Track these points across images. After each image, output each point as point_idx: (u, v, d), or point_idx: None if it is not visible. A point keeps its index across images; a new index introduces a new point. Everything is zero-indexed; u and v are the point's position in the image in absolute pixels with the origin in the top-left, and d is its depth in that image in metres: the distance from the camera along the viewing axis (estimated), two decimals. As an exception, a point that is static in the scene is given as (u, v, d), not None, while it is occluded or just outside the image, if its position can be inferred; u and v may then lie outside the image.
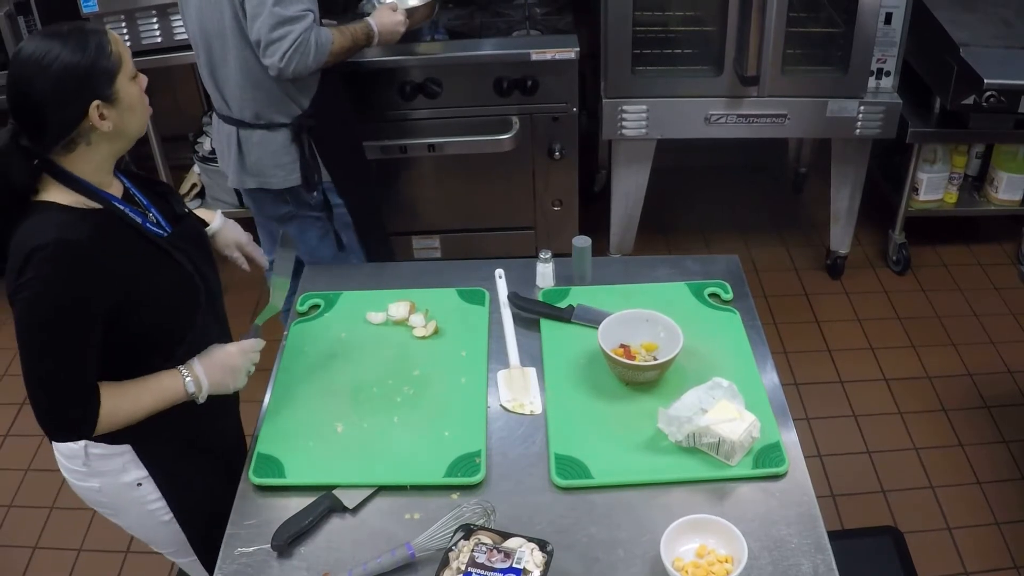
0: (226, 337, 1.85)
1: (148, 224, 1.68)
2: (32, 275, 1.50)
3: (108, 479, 1.77)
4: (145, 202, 1.73)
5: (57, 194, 1.57)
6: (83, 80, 1.51)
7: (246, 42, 2.43)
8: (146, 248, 1.64)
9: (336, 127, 2.69)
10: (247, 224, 3.88)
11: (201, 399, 1.71)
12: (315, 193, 2.69)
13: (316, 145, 2.62)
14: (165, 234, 1.70)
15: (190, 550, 1.92)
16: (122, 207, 1.64)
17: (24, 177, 1.54)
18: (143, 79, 1.63)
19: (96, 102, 1.52)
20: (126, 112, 1.58)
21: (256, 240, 2.18)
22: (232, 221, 2.07)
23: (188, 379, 1.68)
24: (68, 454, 1.76)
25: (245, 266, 2.09)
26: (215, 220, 2.02)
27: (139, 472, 1.76)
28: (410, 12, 2.78)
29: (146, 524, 1.87)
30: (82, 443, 1.72)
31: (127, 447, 1.74)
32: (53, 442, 1.74)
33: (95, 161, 1.60)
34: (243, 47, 2.45)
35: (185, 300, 1.71)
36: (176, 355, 1.70)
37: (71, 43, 1.51)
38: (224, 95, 2.57)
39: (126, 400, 1.63)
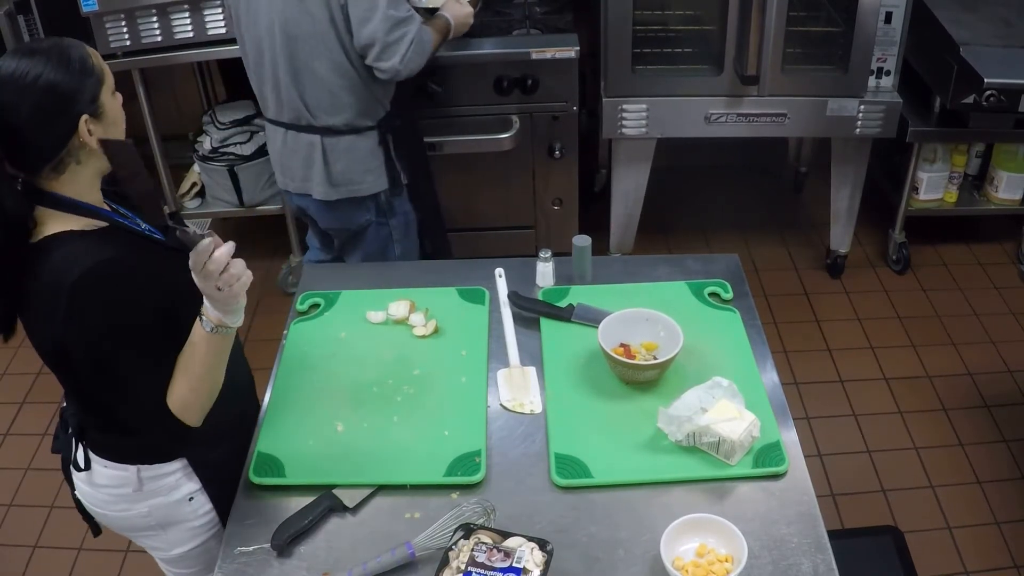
0: None
1: (147, 230, 1.66)
2: (84, 304, 1.47)
3: (159, 499, 1.74)
4: (131, 215, 1.70)
5: (61, 223, 1.52)
6: (70, 96, 1.48)
7: (341, 47, 2.41)
8: (158, 252, 1.63)
9: (410, 127, 2.72)
10: (248, 224, 3.90)
11: (227, 329, 1.57)
12: (398, 198, 2.70)
13: (395, 147, 2.63)
14: (163, 237, 1.69)
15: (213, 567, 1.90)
16: (120, 220, 1.62)
17: (18, 206, 1.49)
18: (119, 95, 1.59)
19: (85, 116, 1.49)
20: (111, 127, 1.54)
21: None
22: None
23: (204, 320, 1.57)
24: (116, 482, 1.72)
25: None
26: None
27: (192, 486, 1.75)
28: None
29: (188, 541, 1.83)
30: (134, 467, 1.70)
31: (183, 461, 1.73)
32: (94, 472, 1.72)
33: (86, 181, 1.56)
34: (338, 52, 2.42)
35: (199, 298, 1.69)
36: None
37: (53, 60, 1.47)
38: (308, 103, 2.51)
39: (184, 382, 1.58)
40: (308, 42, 2.42)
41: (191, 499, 1.76)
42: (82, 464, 1.73)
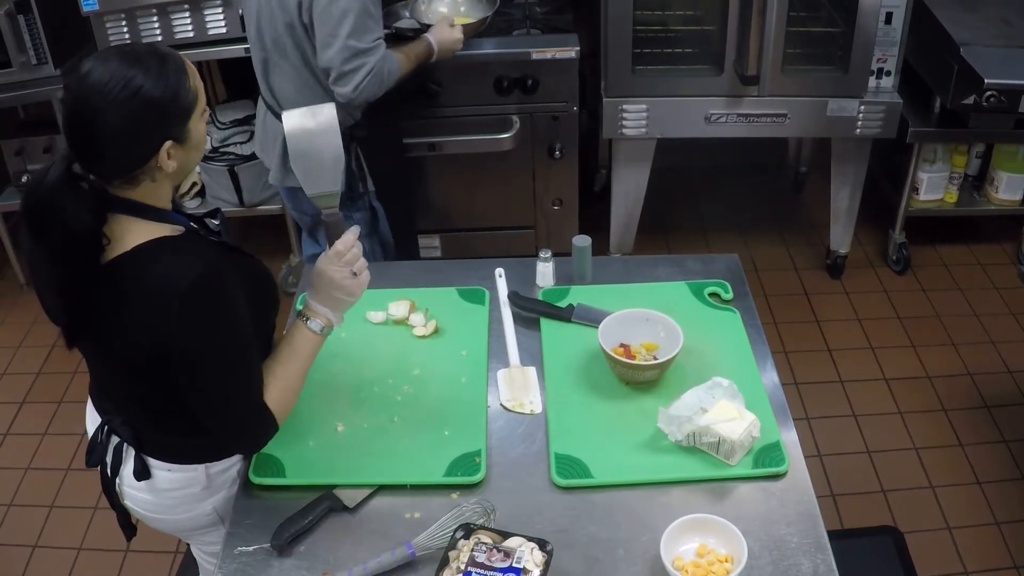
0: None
1: (212, 230, 1.66)
2: (200, 311, 1.47)
3: (223, 492, 1.76)
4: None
5: (145, 230, 1.50)
6: (161, 118, 1.43)
7: (303, 60, 2.44)
8: (228, 252, 1.61)
9: (384, 138, 2.69)
10: (248, 224, 3.89)
11: (330, 330, 1.68)
12: (360, 200, 2.70)
13: (364, 155, 2.62)
14: (219, 236, 1.69)
15: None
16: (193, 224, 1.61)
17: (86, 215, 1.43)
18: (207, 112, 1.55)
19: (169, 142, 1.45)
20: (192, 151, 1.51)
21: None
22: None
23: (311, 322, 1.65)
24: (183, 484, 1.73)
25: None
26: None
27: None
28: (464, 27, 2.78)
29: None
30: (203, 465, 1.71)
31: (231, 462, 1.75)
32: (155, 479, 1.73)
33: (158, 195, 1.53)
34: (300, 64, 2.45)
35: (270, 284, 1.72)
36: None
37: (153, 73, 1.41)
38: (275, 91, 2.56)
39: (277, 381, 1.62)
40: (275, 48, 2.46)
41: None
42: (142, 473, 1.72)
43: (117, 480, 1.76)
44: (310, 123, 1.62)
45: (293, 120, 1.62)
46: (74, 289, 1.50)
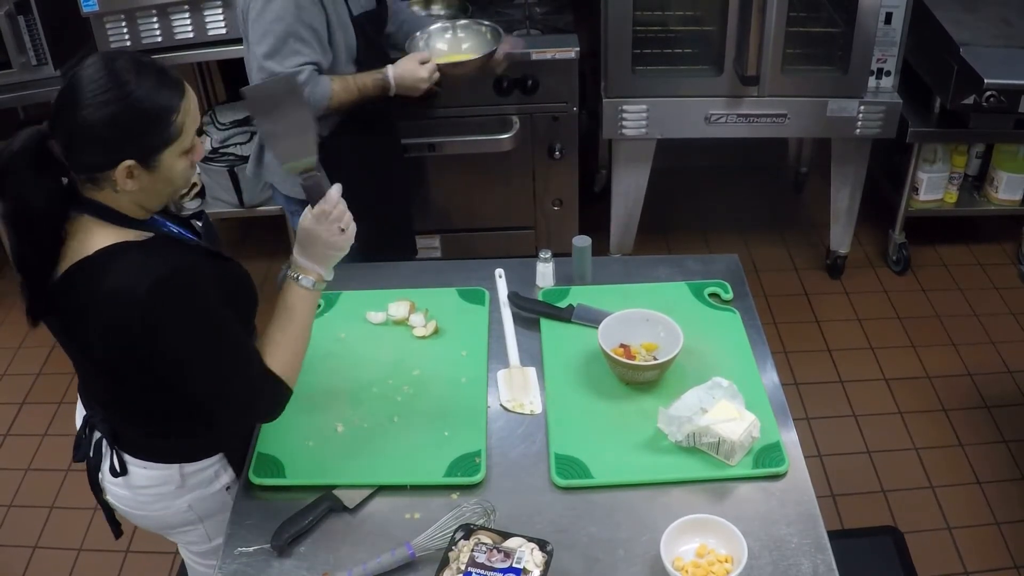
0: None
1: (188, 235, 1.67)
2: (163, 314, 1.46)
3: (199, 492, 1.76)
4: (160, 219, 1.69)
5: (111, 234, 1.49)
6: (128, 136, 1.42)
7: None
8: (203, 255, 1.62)
9: (358, 150, 2.56)
10: (248, 224, 3.89)
11: (322, 284, 1.67)
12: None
13: (331, 167, 2.53)
14: (198, 239, 1.69)
15: None
16: (164, 228, 1.60)
17: (41, 193, 1.45)
18: (199, 150, 1.52)
19: (129, 163, 1.43)
20: (160, 182, 1.49)
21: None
22: None
23: (302, 279, 1.64)
24: (158, 482, 1.73)
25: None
26: None
27: (228, 476, 1.78)
28: (453, 65, 2.57)
29: (218, 531, 1.84)
30: (176, 464, 1.71)
31: (219, 455, 1.75)
32: (130, 475, 1.73)
33: (123, 204, 1.51)
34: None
35: (248, 286, 1.71)
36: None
37: (142, 90, 1.40)
38: None
39: (279, 345, 1.62)
40: (246, 45, 2.38)
41: (228, 488, 1.78)
42: (118, 469, 1.73)
43: (100, 475, 1.78)
44: (271, 94, 1.60)
45: (253, 93, 1.58)
46: (30, 266, 1.50)
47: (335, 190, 1.64)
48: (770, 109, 3.18)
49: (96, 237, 1.49)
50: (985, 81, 3.03)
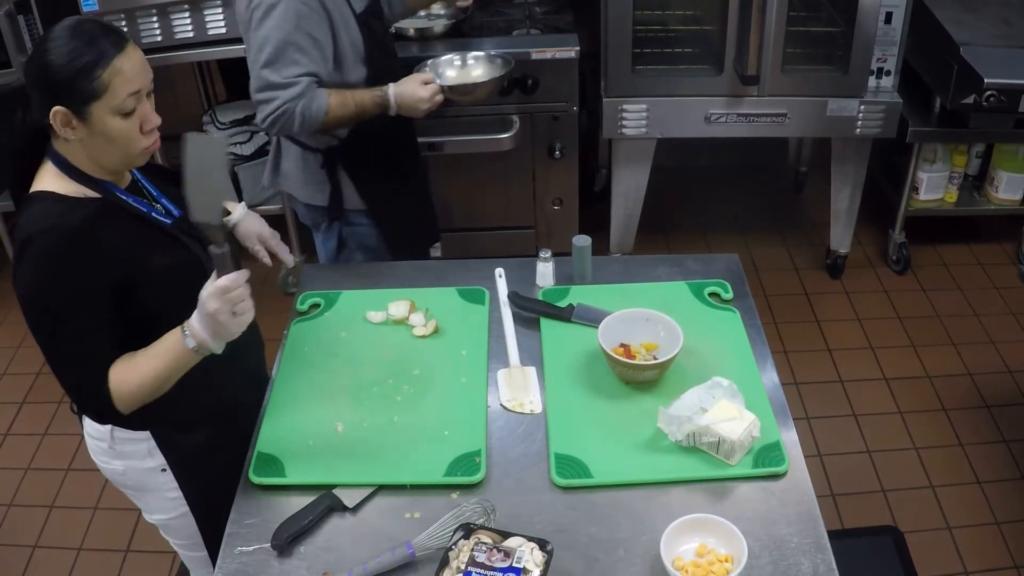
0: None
1: (154, 212, 1.69)
2: (27, 264, 1.52)
3: (132, 462, 1.79)
4: (155, 192, 1.74)
5: (56, 183, 1.58)
6: (51, 84, 1.50)
7: None
8: (148, 231, 1.65)
9: (371, 157, 2.53)
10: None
11: (206, 351, 1.60)
12: (352, 217, 2.60)
13: (351, 174, 2.52)
14: (171, 220, 1.71)
15: (202, 545, 1.92)
16: (124, 197, 1.64)
17: (24, 126, 1.56)
18: (149, 120, 1.58)
19: (59, 108, 1.50)
20: (97, 136, 1.55)
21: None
22: (255, 213, 2.06)
23: (186, 335, 1.60)
24: (96, 435, 1.78)
25: (267, 260, 2.06)
26: (236, 211, 2.02)
27: (161, 459, 1.79)
28: (459, 90, 2.51)
29: (166, 511, 1.88)
30: (108, 426, 1.73)
31: (147, 433, 1.75)
32: (84, 421, 1.78)
33: (85, 160, 1.59)
34: None
35: (190, 281, 1.65)
36: None
37: (70, 45, 1.49)
38: None
39: (135, 373, 1.60)
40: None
41: (163, 470, 1.80)
42: (75, 408, 1.77)
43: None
44: (204, 151, 1.60)
45: (192, 144, 1.59)
46: (12, 194, 1.64)
47: (241, 274, 1.57)
48: (770, 109, 3.18)
49: (44, 181, 1.58)
50: (985, 81, 3.03)
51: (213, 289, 1.54)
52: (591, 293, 2.15)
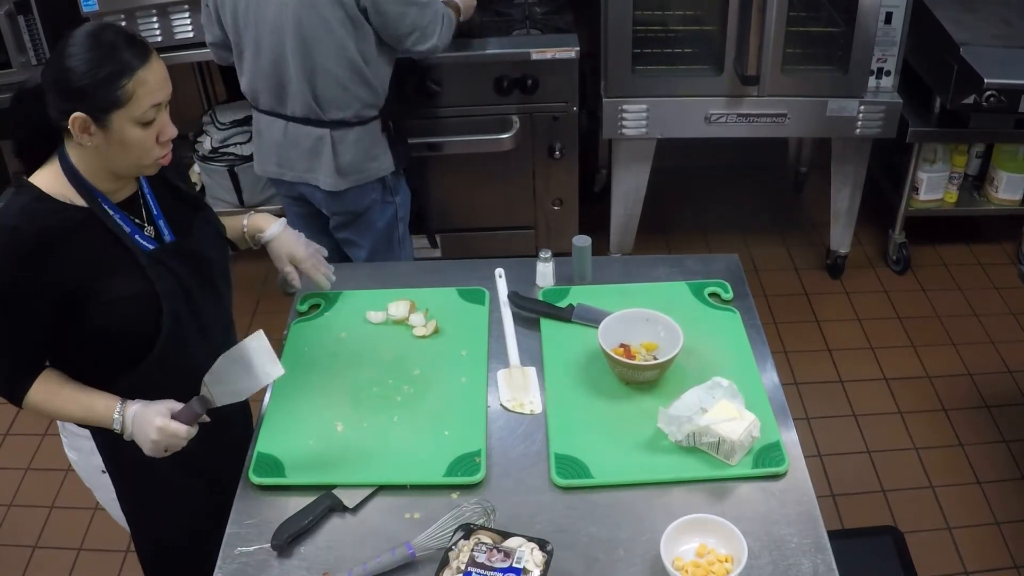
0: (225, 343, 1.78)
1: (137, 235, 1.64)
2: None
3: (80, 456, 1.81)
4: (155, 211, 1.70)
5: (50, 180, 1.58)
6: (74, 91, 1.50)
7: (355, 45, 2.49)
8: (118, 254, 1.61)
9: (404, 111, 2.83)
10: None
11: (125, 438, 1.66)
12: (400, 178, 2.82)
13: (396, 130, 2.73)
14: (155, 246, 1.66)
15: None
16: (112, 213, 1.61)
17: (39, 122, 1.56)
18: (166, 131, 1.60)
19: (79, 115, 1.50)
20: (114, 144, 1.55)
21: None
22: (294, 231, 2.00)
23: (117, 416, 1.63)
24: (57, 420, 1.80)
25: (296, 283, 2.02)
26: (272, 227, 1.96)
27: (100, 460, 1.79)
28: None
29: (112, 508, 1.90)
30: None
31: (87, 433, 1.76)
32: None
33: (93, 167, 1.59)
34: (352, 51, 2.50)
35: (143, 313, 1.64)
36: (149, 360, 1.67)
37: (94, 54, 1.49)
38: (320, 100, 2.56)
39: (57, 398, 1.64)
40: (322, 43, 2.47)
41: (103, 472, 1.80)
42: None
43: None
44: (261, 358, 1.64)
45: (255, 344, 1.64)
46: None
47: (190, 431, 1.63)
48: (770, 109, 3.18)
49: (41, 175, 1.60)
50: (985, 81, 3.03)
51: (169, 429, 1.60)
52: (591, 293, 2.15)
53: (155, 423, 1.60)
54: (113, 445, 1.73)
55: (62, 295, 1.57)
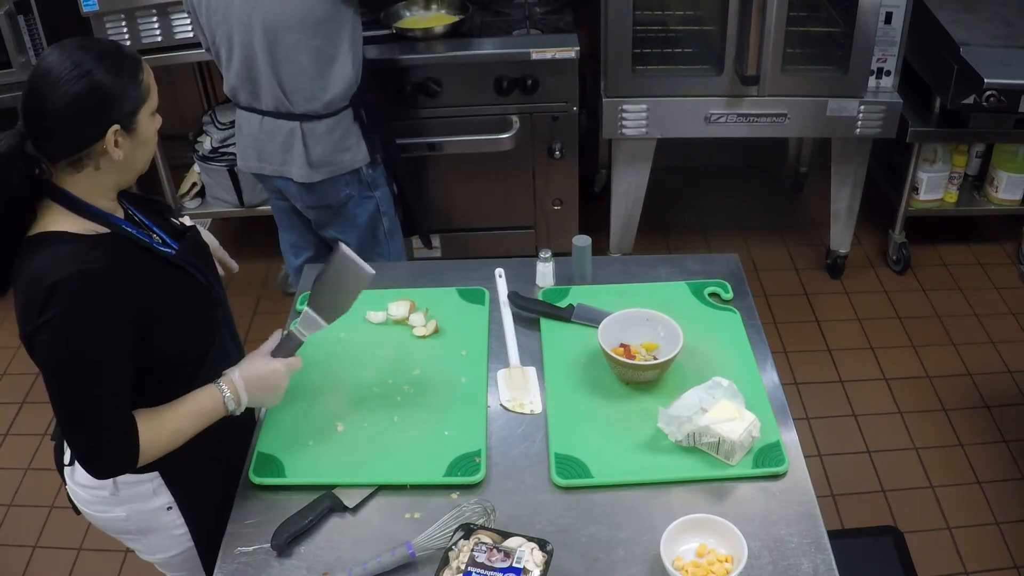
0: (240, 351, 1.82)
1: (156, 244, 1.64)
2: (56, 312, 1.44)
3: (136, 505, 1.73)
4: (147, 222, 1.69)
5: (63, 222, 1.51)
6: (110, 102, 1.47)
7: (323, 31, 2.49)
8: (160, 267, 1.61)
9: (380, 101, 2.78)
10: (248, 224, 3.90)
11: (239, 409, 1.67)
12: (378, 169, 2.79)
13: (369, 121, 2.70)
14: (173, 251, 1.66)
15: (201, 574, 1.88)
16: (130, 229, 1.60)
17: (24, 185, 1.48)
18: (158, 118, 1.60)
19: (116, 127, 1.48)
20: (140, 146, 1.55)
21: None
22: (200, 226, 2.00)
23: (228, 395, 1.64)
24: (92, 484, 1.70)
25: (220, 271, 2.02)
26: (204, 231, 1.95)
27: (168, 497, 1.73)
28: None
29: (169, 549, 1.82)
30: None
31: (155, 474, 1.70)
32: (70, 472, 1.72)
33: (101, 187, 1.55)
34: (320, 38, 2.50)
35: (206, 314, 1.69)
36: (200, 376, 1.67)
37: (107, 61, 1.47)
38: (287, 92, 2.57)
39: (165, 426, 1.59)
40: (289, 33, 2.48)
41: (169, 508, 1.75)
42: (67, 460, 1.72)
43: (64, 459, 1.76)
44: (354, 272, 1.72)
45: (344, 258, 1.71)
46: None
47: (298, 359, 1.72)
48: (770, 109, 3.18)
49: (47, 221, 1.52)
50: (985, 81, 3.03)
51: (294, 364, 1.67)
52: (591, 293, 2.15)
53: (276, 368, 1.66)
54: (180, 470, 1.71)
55: (139, 327, 1.53)
